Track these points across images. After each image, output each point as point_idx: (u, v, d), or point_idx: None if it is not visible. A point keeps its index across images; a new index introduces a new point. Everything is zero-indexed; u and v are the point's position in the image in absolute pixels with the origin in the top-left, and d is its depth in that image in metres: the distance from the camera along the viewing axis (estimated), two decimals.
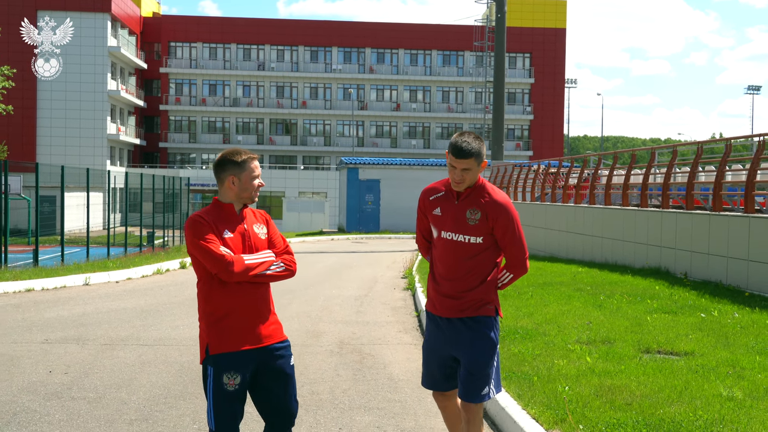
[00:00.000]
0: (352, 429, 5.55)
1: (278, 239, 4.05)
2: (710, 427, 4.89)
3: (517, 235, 4.16)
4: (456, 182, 4.10)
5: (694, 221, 13.66)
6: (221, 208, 3.95)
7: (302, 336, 9.17)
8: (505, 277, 4.26)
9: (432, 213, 4.24)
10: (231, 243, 3.85)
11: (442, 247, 4.18)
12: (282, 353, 3.92)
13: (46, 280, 13.23)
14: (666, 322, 8.95)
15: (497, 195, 4.16)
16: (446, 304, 4.16)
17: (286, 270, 3.96)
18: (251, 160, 3.98)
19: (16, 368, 7.19)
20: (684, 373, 6.40)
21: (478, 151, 4.04)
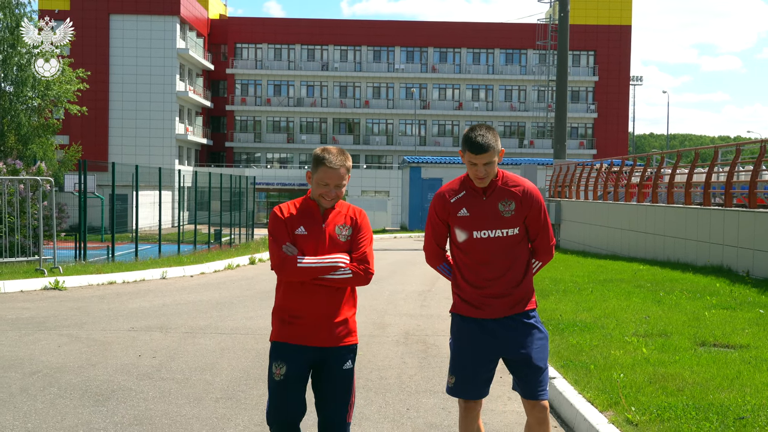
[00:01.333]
0: (419, 410, 5.98)
1: (360, 243, 3.90)
2: (757, 411, 5.19)
3: (547, 221, 4.11)
4: (479, 178, 3.97)
5: (756, 220, 13.73)
6: (306, 202, 3.94)
7: (369, 327, 9.64)
8: (535, 265, 4.17)
9: (457, 215, 4.04)
10: (301, 241, 3.82)
11: (479, 248, 3.99)
12: (341, 355, 3.87)
13: (126, 273, 13.99)
14: (724, 317, 9.17)
15: (525, 182, 4.08)
16: (494, 304, 4.00)
17: (354, 277, 3.82)
18: (327, 165, 3.82)
19: (108, 352, 7.81)
20: (737, 363, 6.67)
21: (494, 142, 3.92)
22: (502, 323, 4.00)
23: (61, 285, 12.49)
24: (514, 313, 4.01)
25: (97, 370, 7.04)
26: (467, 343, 4.02)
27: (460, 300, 4.08)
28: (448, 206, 4.07)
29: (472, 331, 4.02)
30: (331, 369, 3.86)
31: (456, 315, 4.13)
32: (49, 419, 5.53)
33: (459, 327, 4.08)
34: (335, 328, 3.85)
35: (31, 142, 38.24)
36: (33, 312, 10.22)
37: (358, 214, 3.98)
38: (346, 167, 3.89)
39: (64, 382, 6.56)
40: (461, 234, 4.01)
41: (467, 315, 4.03)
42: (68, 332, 8.85)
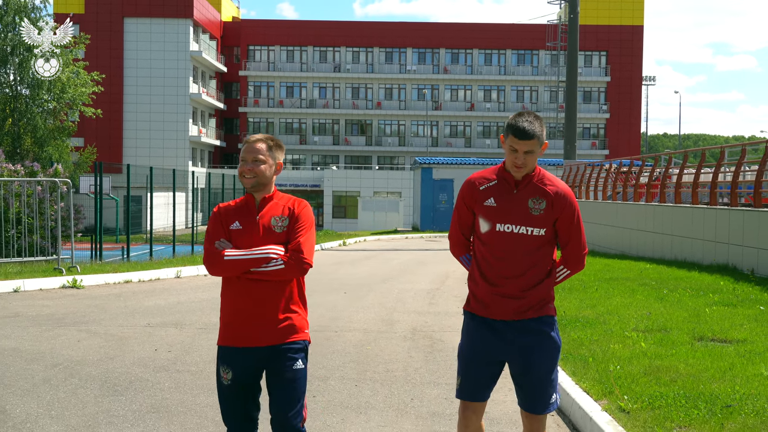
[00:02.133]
0: (423, 400, 6.25)
1: (297, 234, 3.72)
2: (745, 400, 5.43)
3: (580, 228, 3.89)
4: (517, 167, 3.76)
5: (761, 219, 13.91)
6: (246, 198, 3.85)
7: (378, 323, 9.90)
8: (561, 273, 3.96)
9: (483, 204, 3.85)
10: (236, 235, 3.72)
11: (499, 241, 3.80)
12: (287, 355, 3.70)
13: (141, 272, 14.32)
14: (724, 313, 9.38)
15: (561, 184, 3.88)
16: (505, 304, 3.80)
17: (287, 267, 3.64)
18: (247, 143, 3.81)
19: (126, 347, 8.11)
20: (731, 357, 6.90)
21: (540, 131, 3.75)
22: (512, 326, 3.81)
23: (78, 284, 12.82)
24: (526, 318, 3.80)
25: (115, 363, 7.34)
26: (473, 342, 3.88)
27: (473, 297, 3.93)
28: (476, 193, 3.89)
29: (479, 331, 3.86)
30: (280, 369, 3.69)
31: (467, 313, 3.98)
32: (71, 407, 5.84)
33: (468, 326, 3.94)
34: (278, 325, 3.68)
35: (47, 144, 38.73)
36: (52, 309, 10.55)
37: (298, 204, 3.81)
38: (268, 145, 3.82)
39: (84, 373, 6.87)
40: (484, 224, 3.84)
41: (478, 314, 3.88)
42: (87, 328, 9.16)
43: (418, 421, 5.66)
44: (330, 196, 59.00)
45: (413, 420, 5.68)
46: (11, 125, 39.13)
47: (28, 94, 38.88)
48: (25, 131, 39.04)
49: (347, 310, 10.94)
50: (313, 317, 10.22)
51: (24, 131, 39.01)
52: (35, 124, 38.56)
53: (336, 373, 7.05)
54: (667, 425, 4.91)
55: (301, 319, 3.76)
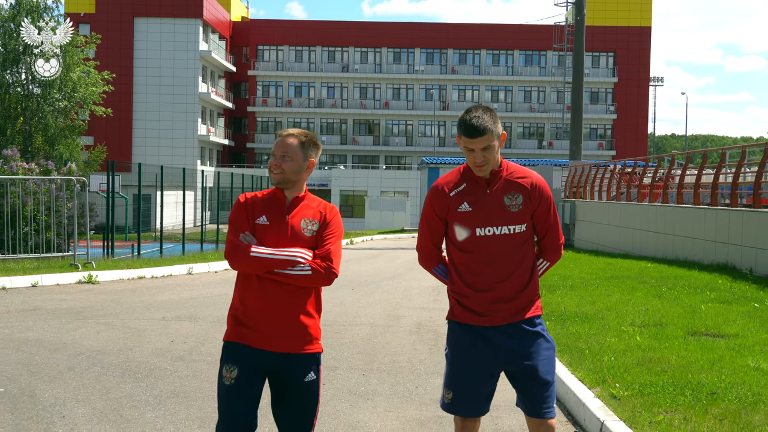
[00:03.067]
0: (426, 388, 6.60)
1: (326, 240, 3.57)
2: (729, 388, 5.76)
3: (557, 217, 3.77)
4: (478, 166, 3.59)
5: (760, 219, 14.21)
6: (274, 192, 3.67)
7: (384, 318, 10.26)
8: (542, 266, 3.83)
9: (457, 211, 3.64)
10: (261, 231, 3.54)
11: (483, 247, 3.61)
12: (300, 365, 3.53)
13: (154, 269, 14.70)
14: (719, 310, 9.71)
15: (533, 175, 3.72)
16: (499, 309, 3.62)
17: (313, 274, 3.48)
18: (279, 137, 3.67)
19: (143, 338, 8.49)
20: (721, 350, 7.23)
21: (493, 124, 3.55)
22: (504, 331, 3.63)
23: (94, 279, 13.21)
24: (517, 320, 3.64)
25: (135, 353, 7.71)
26: (467, 354, 3.64)
27: (459, 306, 3.69)
28: (447, 201, 3.67)
29: (471, 341, 3.64)
30: (292, 381, 3.52)
31: (453, 323, 3.74)
32: (95, 392, 6.21)
33: (457, 336, 3.70)
34: (295, 333, 3.51)
35: (57, 143, 39.19)
36: (70, 303, 10.93)
37: (329, 210, 3.66)
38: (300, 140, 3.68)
39: (106, 362, 7.24)
40: (462, 231, 3.62)
41: (467, 323, 3.66)
42: (105, 321, 9.54)
43: (422, 407, 6.01)
44: (337, 196, 59.38)
45: (417, 406, 6.04)
46: (23, 124, 39.61)
47: (40, 93, 39.33)
48: (36, 130, 39.52)
49: (355, 306, 11.30)
50: (323, 313, 10.59)
51: (35, 130, 39.49)
52: (46, 122, 39.03)
53: (345, 364, 7.41)
54: (654, 410, 5.25)
55: (316, 328, 3.59)
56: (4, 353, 7.54)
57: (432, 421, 5.63)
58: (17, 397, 6.03)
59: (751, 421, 4.99)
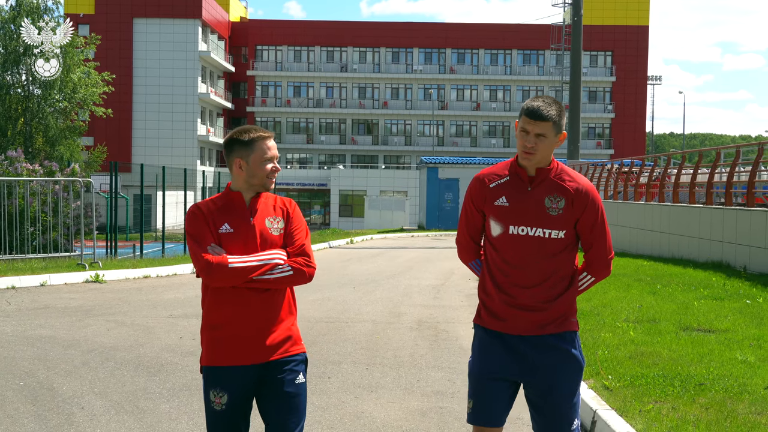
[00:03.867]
0: (427, 380, 6.88)
1: (296, 236, 3.44)
2: (717, 379, 6.04)
3: (605, 229, 3.49)
4: (526, 150, 3.38)
5: (753, 218, 14.50)
6: (229, 196, 3.45)
7: (386, 315, 10.53)
8: (585, 281, 3.54)
9: (494, 204, 3.46)
10: (228, 240, 3.34)
11: (512, 246, 3.41)
12: (288, 368, 3.38)
13: (159, 268, 14.97)
14: (711, 306, 9.99)
15: (582, 180, 3.47)
16: (522, 318, 3.39)
17: (295, 273, 3.36)
18: (262, 139, 3.40)
19: (153, 335, 8.76)
20: (711, 344, 7.51)
21: (557, 115, 3.38)
22: (530, 342, 3.40)
23: (101, 278, 13.48)
24: (545, 333, 3.40)
25: (145, 348, 7.99)
26: (486, 360, 3.45)
27: (485, 309, 3.52)
28: (486, 192, 3.50)
29: (493, 347, 3.45)
30: (278, 386, 3.36)
31: (478, 327, 3.56)
32: (111, 385, 6.48)
33: (480, 342, 3.52)
34: (276, 338, 3.36)
35: (58, 143, 39.45)
36: (79, 302, 11.20)
37: (288, 203, 3.53)
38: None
39: (118, 358, 7.52)
40: (496, 226, 3.45)
41: (491, 328, 3.47)
42: (114, 318, 9.81)
43: (423, 398, 6.29)
44: (337, 195, 59.64)
45: (419, 397, 6.31)
46: (23, 125, 39.85)
47: (40, 94, 39.57)
48: (36, 131, 39.76)
49: (357, 304, 11.57)
50: (324, 309, 10.87)
51: (36, 130, 39.73)
52: (47, 123, 39.26)
53: (348, 359, 7.68)
54: (644, 400, 5.53)
55: (296, 329, 3.48)
56: (20, 349, 7.81)
57: (433, 412, 5.91)
58: (37, 390, 6.30)
59: (736, 410, 5.27)
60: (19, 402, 5.95)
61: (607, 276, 3.56)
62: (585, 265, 3.53)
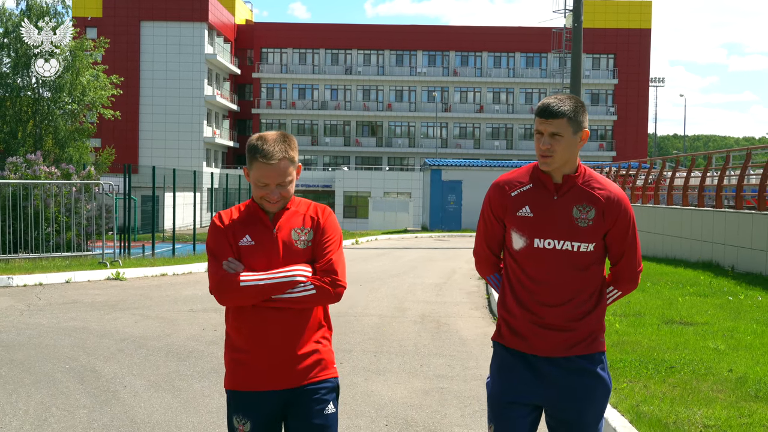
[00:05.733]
0: (430, 366, 7.63)
1: (325, 249, 3.12)
2: (687, 363, 6.79)
3: (636, 241, 3.23)
4: (543, 155, 3.11)
5: (740, 220, 15.23)
6: (253, 205, 3.18)
7: (391, 310, 11.29)
8: (612, 295, 3.30)
9: (516, 214, 3.18)
10: (248, 253, 3.08)
11: (538, 261, 3.14)
12: (317, 396, 3.11)
13: (175, 266, 15.74)
14: (695, 302, 10.73)
15: (613, 187, 3.19)
16: (549, 338, 3.13)
17: (318, 293, 3.05)
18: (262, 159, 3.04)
19: (177, 327, 9.52)
20: (689, 335, 8.25)
21: (572, 111, 3.08)
22: (556, 364, 3.14)
23: (121, 276, 14.25)
24: (573, 354, 3.13)
25: (172, 338, 8.75)
26: (508, 382, 3.19)
27: (506, 326, 3.24)
28: (507, 201, 3.22)
29: (515, 369, 3.19)
30: (308, 415, 3.09)
31: (499, 345, 3.28)
32: (147, 368, 7.24)
33: (501, 361, 3.25)
34: (301, 362, 3.09)
35: (67, 145, 40.24)
36: (104, 297, 11.97)
37: (321, 212, 3.19)
38: (289, 158, 3.10)
39: (149, 346, 8.28)
40: (518, 239, 3.17)
41: (513, 347, 3.20)
42: (139, 312, 10.57)
43: (426, 380, 7.04)
44: (341, 197, 60.41)
45: (422, 380, 7.06)
46: (33, 127, 40.67)
47: (50, 97, 40.37)
48: (46, 133, 40.57)
49: (364, 300, 12.31)
50: (333, 305, 11.61)
51: (45, 133, 40.55)
52: (56, 125, 40.05)
53: (358, 347, 8.43)
54: (620, 380, 6.27)
55: (329, 351, 3.19)
56: (58, 338, 8.58)
57: (435, 391, 6.66)
58: (82, 372, 7.07)
59: (699, 388, 6.01)
60: (69, 382, 6.72)
61: (634, 290, 3.32)
62: (612, 279, 3.27)
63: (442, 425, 5.72)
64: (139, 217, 43.73)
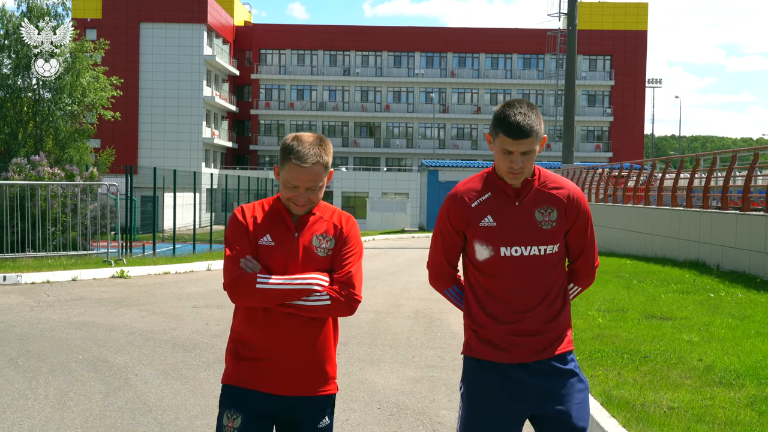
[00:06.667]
0: (421, 357, 8.10)
1: (345, 260, 3.06)
2: (661, 353, 7.27)
3: (593, 237, 3.28)
4: (513, 173, 3.06)
5: (725, 220, 15.72)
6: (278, 204, 3.11)
7: (386, 306, 11.76)
8: (573, 291, 3.30)
9: (479, 225, 3.11)
10: (266, 253, 3.02)
11: (508, 270, 3.09)
12: (315, 409, 3.07)
13: (177, 265, 16.21)
14: (677, 299, 11.21)
15: (569, 185, 3.21)
16: (524, 344, 3.09)
17: (333, 304, 2.99)
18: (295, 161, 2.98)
19: (181, 321, 9.99)
20: (667, 328, 8.73)
21: (538, 124, 3.03)
22: (531, 369, 3.10)
23: (125, 274, 14.72)
24: (545, 357, 3.11)
25: (178, 332, 9.22)
26: (487, 397, 3.11)
27: (477, 339, 3.15)
28: (467, 212, 3.14)
29: (492, 382, 3.11)
30: (304, 427, 3.07)
31: (471, 360, 3.18)
32: (156, 359, 7.71)
33: (476, 376, 3.16)
34: (308, 373, 3.05)
35: (67, 146, 40.67)
36: (110, 294, 12.44)
37: (345, 221, 3.12)
38: (323, 163, 3.03)
39: (156, 338, 8.75)
40: (483, 250, 3.11)
41: (487, 359, 3.12)
42: (144, 308, 11.04)
43: (417, 369, 7.52)
44: (339, 197, 60.89)
45: (413, 369, 7.54)
46: (33, 128, 41.10)
47: (50, 98, 40.78)
48: (46, 134, 40.97)
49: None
50: None
51: (45, 133, 40.95)
52: (57, 126, 40.44)
53: (354, 340, 8.91)
54: (596, 368, 6.75)
55: (333, 364, 3.13)
56: (70, 332, 9.05)
57: (425, 379, 7.13)
58: (94, 362, 7.54)
59: (669, 375, 6.49)
60: (83, 370, 7.19)
61: (590, 284, 3.37)
62: (570, 275, 3.28)
63: (430, 408, 6.20)
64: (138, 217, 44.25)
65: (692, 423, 5.17)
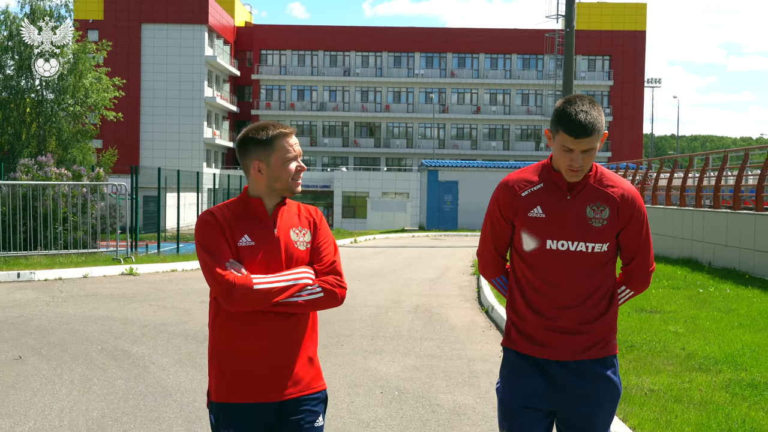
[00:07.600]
0: (421, 347, 8.56)
1: (324, 251, 3.03)
2: (647, 343, 7.72)
3: (649, 240, 3.19)
4: (573, 171, 3.01)
5: (717, 219, 16.18)
6: (247, 203, 3.01)
7: (388, 302, 12.21)
8: (624, 294, 3.25)
9: (527, 215, 3.10)
10: (247, 255, 2.92)
11: (551, 263, 3.07)
12: (307, 408, 3.00)
13: (184, 263, 16.66)
14: (667, 294, 11.66)
15: (625, 184, 3.14)
16: (562, 342, 3.07)
17: (326, 295, 2.95)
18: (283, 136, 2.95)
19: (191, 316, 10.44)
20: (655, 320, 9.18)
21: (600, 121, 2.98)
22: (569, 368, 3.08)
23: (134, 271, 15.17)
24: (586, 358, 3.07)
25: (189, 325, 9.67)
26: (521, 388, 3.11)
27: (516, 332, 3.16)
28: (517, 201, 3.12)
29: (528, 374, 3.11)
30: (296, 428, 2.97)
31: (509, 351, 3.20)
32: (171, 349, 8.17)
33: (513, 367, 3.16)
34: (297, 372, 2.98)
35: (70, 146, 41.13)
36: (121, 290, 12.89)
37: (314, 212, 3.11)
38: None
39: (169, 331, 9.20)
40: (529, 241, 3.09)
41: (525, 352, 3.12)
42: (155, 303, 11.49)
43: (417, 359, 7.97)
44: (340, 197, 61.33)
45: (414, 358, 7.99)
46: (37, 128, 41.56)
47: (53, 99, 41.21)
48: (49, 134, 41.41)
49: (362, 293, 13.23)
50: None
51: (48, 134, 41.38)
52: (60, 127, 40.86)
53: (357, 333, 9.36)
54: None
55: (317, 359, 3.10)
56: (86, 325, 9.50)
57: (425, 367, 7.59)
58: (113, 352, 7.99)
59: (653, 362, 6.94)
60: (103, 359, 7.65)
61: (646, 289, 3.28)
62: (624, 278, 3.22)
63: (429, 392, 6.65)
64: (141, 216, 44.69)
65: (669, 403, 5.63)
